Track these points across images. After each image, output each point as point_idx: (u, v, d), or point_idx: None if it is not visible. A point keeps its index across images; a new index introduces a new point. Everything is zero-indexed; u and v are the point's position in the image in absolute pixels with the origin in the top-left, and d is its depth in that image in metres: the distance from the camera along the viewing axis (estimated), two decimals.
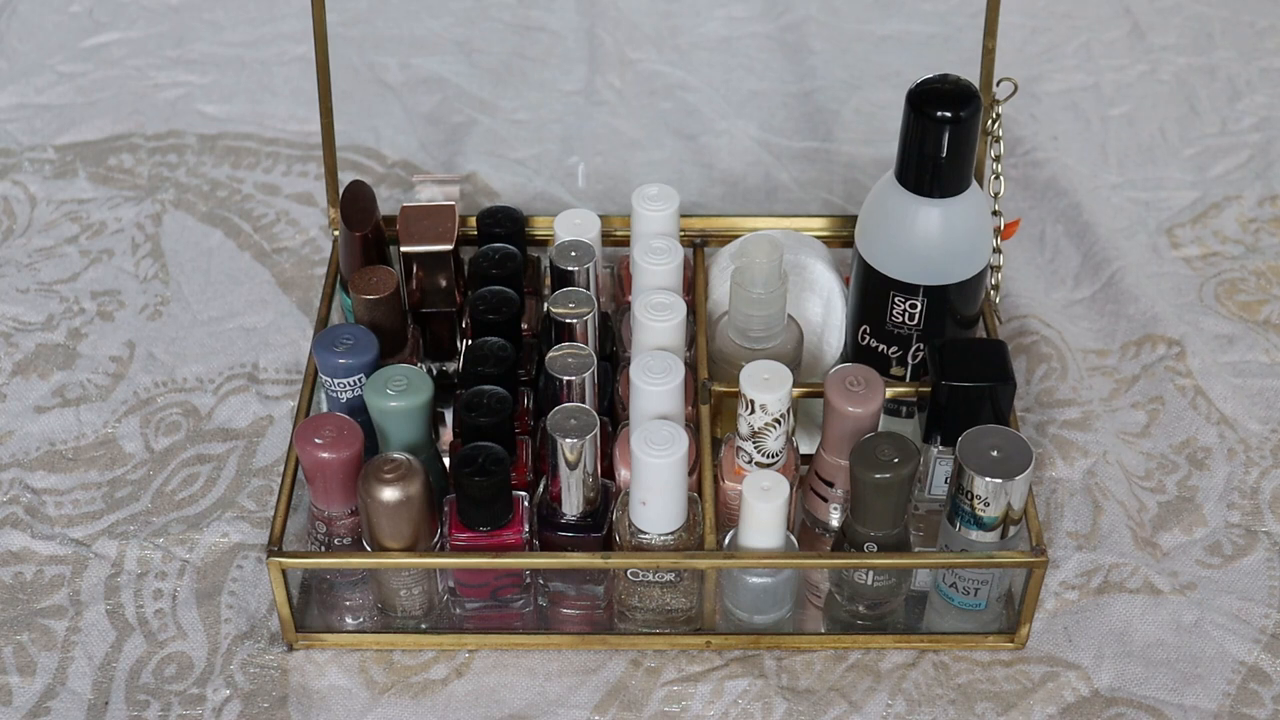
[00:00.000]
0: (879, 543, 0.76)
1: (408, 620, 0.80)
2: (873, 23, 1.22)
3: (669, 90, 1.16)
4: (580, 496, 0.76)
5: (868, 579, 0.77)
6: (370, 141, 1.11)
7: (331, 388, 0.81)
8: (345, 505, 0.77)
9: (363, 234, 0.87)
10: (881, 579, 0.77)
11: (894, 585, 0.78)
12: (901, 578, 0.78)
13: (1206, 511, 0.87)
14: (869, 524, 0.76)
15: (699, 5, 1.24)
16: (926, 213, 0.79)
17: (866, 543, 0.76)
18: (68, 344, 0.96)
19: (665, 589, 0.78)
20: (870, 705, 0.78)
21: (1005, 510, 0.76)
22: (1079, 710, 0.78)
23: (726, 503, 0.80)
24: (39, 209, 1.06)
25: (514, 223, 0.91)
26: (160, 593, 0.83)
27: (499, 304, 0.83)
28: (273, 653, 0.80)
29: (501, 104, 1.15)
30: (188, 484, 0.88)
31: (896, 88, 1.15)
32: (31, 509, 0.87)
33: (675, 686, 0.79)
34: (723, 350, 0.84)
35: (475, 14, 1.23)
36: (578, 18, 1.22)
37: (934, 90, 0.77)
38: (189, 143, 1.11)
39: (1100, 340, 0.97)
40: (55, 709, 0.78)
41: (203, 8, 1.23)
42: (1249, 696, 0.79)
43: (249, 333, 0.97)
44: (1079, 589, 0.83)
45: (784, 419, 0.77)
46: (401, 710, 0.78)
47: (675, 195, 0.87)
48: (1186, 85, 1.17)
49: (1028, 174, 1.09)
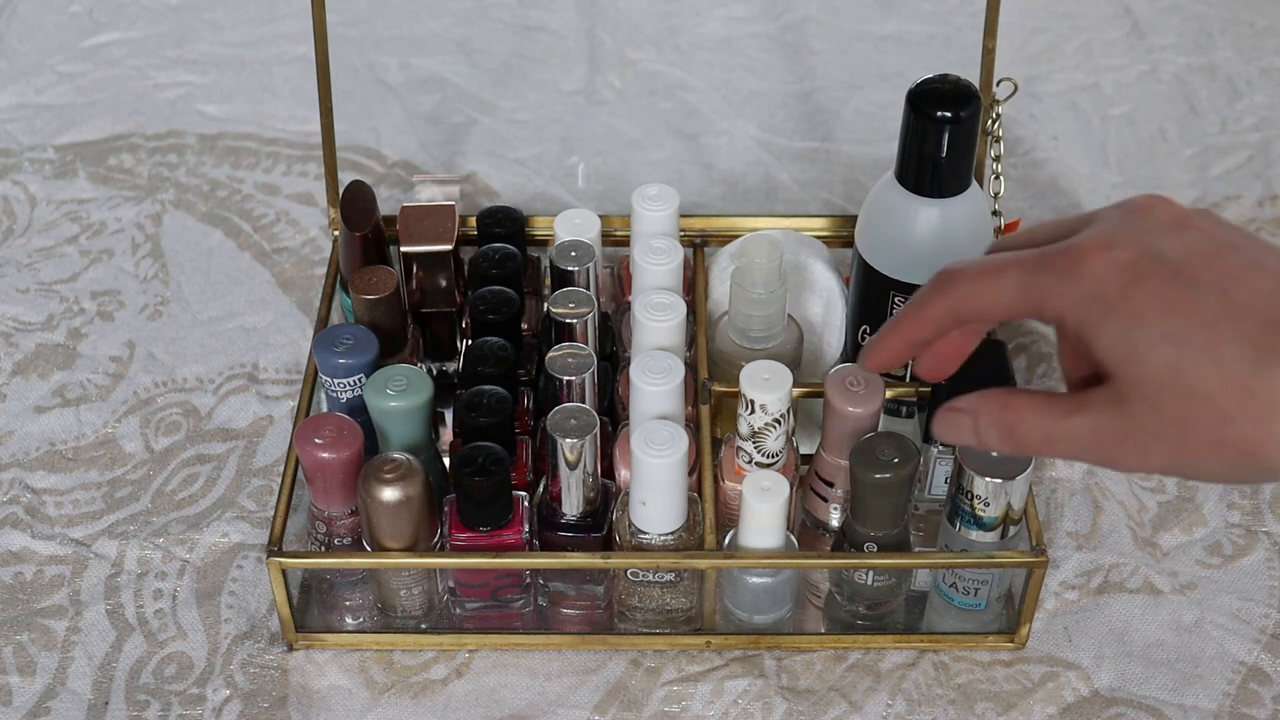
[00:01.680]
0: (879, 543, 0.76)
1: (408, 620, 0.80)
2: (873, 23, 1.22)
3: (669, 90, 1.16)
4: (580, 496, 0.76)
5: (868, 579, 0.77)
6: (370, 141, 1.11)
7: (331, 388, 0.81)
8: (345, 505, 0.77)
9: (363, 234, 0.87)
10: (881, 579, 0.77)
11: (894, 585, 0.78)
12: (901, 578, 0.78)
13: (1206, 511, 0.87)
14: (869, 524, 0.76)
15: (699, 5, 1.24)
16: (926, 213, 0.79)
17: (866, 543, 0.76)
18: (68, 344, 0.96)
19: (665, 589, 0.78)
20: (870, 705, 0.78)
21: (1005, 510, 0.76)
22: (1079, 710, 0.78)
23: (726, 503, 0.80)
24: (39, 209, 1.06)
25: (514, 223, 0.91)
26: (160, 593, 0.83)
27: (499, 304, 0.83)
28: (273, 653, 0.80)
29: (501, 104, 1.15)
30: (188, 484, 0.88)
31: (896, 88, 1.15)
32: (31, 509, 0.87)
33: (675, 686, 0.79)
34: (723, 350, 0.84)
35: (475, 14, 1.23)
36: (578, 18, 1.22)
37: (934, 90, 0.77)
38: (189, 143, 1.11)
39: None
40: (55, 709, 0.78)
41: (203, 8, 1.23)
42: (1249, 696, 0.79)
43: (249, 333, 0.97)
44: (1079, 589, 0.83)
45: (784, 419, 0.77)
46: (401, 710, 0.78)
47: (675, 195, 0.87)
48: (1186, 85, 1.17)
49: (1028, 174, 1.09)
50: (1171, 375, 0.56)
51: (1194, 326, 0.56)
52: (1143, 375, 0.57)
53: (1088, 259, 0.59)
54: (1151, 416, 0.57)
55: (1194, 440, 0.57)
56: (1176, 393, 0.56)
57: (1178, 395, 0.56)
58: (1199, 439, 0.56)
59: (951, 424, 0.64)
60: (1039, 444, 0.62)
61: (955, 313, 0.63)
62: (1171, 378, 0.56)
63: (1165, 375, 0.56)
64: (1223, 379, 0.55)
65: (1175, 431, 0.57)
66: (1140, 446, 0.58)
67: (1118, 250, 0.59)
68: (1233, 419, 0.55)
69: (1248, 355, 0.55)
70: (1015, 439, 0.62)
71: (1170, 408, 0.57)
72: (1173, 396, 0.56)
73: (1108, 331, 0.58)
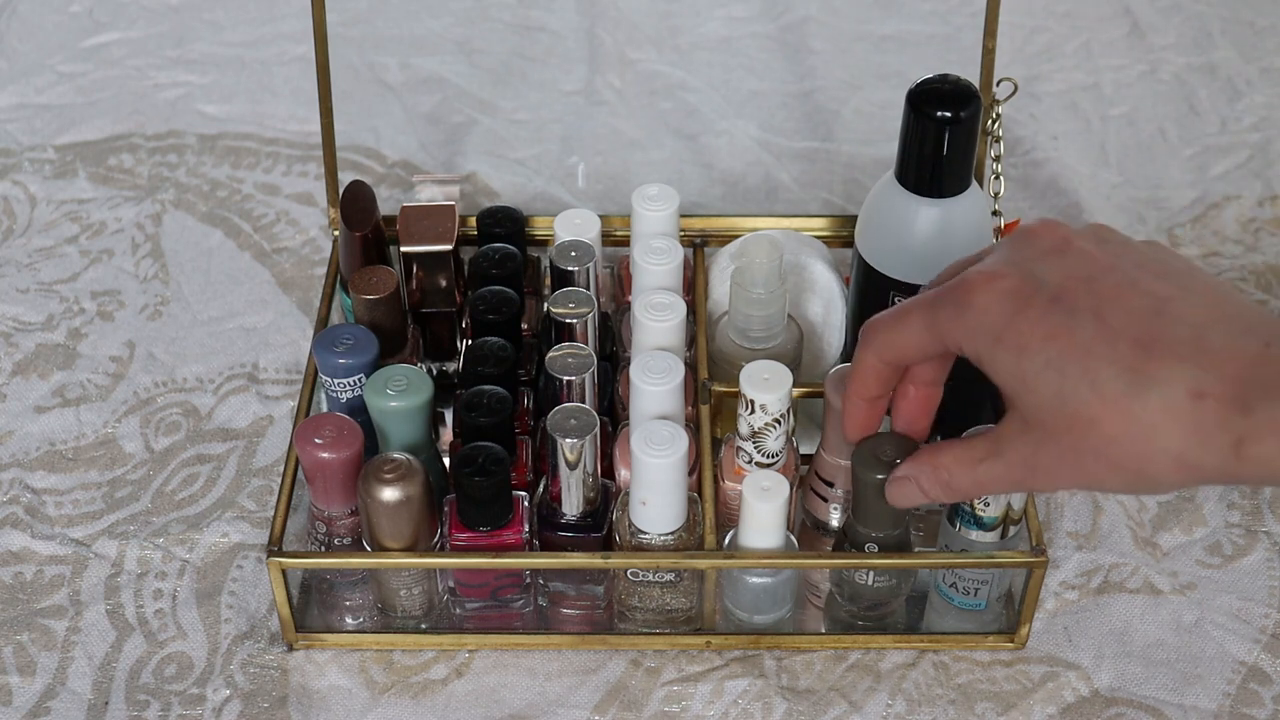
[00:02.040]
0: (880, 543, 0.76)
1: (408, 620, 0.80)
2: (873, 23, 1.22)
3: (669, 90, 1.16)
4: (580, 496, 0.76)
5: (868, 579, 0.77)
6: (370, 141, 1.11)
7: (331, 388, 0.81)
8: (345, 505, 0.77)
9: (363, 234, 0.87)
10: (882, 580, 0.77)
11: (894, 586, 0.78)
12: (902, 579, 0.78)
13: (1206, 511, 0.87)
14: (870, 524, 0.76)
15: (699, 5, 1.24)
16: (926, 213, 0.79)
17: (868, 543, 0.76)
18: (68, 344, 0.96)
19: (665, 589, 0.78)
20: (870, 705, 0.78)
21: (1005, 510, 0.76)
22: (1079, 710, 0.78)
23: (726, 503, 0.80)
24: (39, 209, 1.06)
25: (514, 223, 0.91)
26: (160, 593, 0.83)
27: (499, 304, 0.83)
28: (273, 653, 0.80)
29: (501, 104, 1.15)
30: (188, 484, 0.88)
31: (896, 88, 1.15)
32: (31, 509, 0.87)
33: (675, 686, 0.79)
34: (723, 350, 0.84)
35: (475, 14, 1.23)
36: (578, 18, 1.22)
37: (934, 90, 0.77)
38: (189, 143, 1.11)
39: None
40: (55, 709, 0.78)
41: (203, 8, 1.23)
42: (1249, 696, 0.79)
43: (249, 333, 0.97)
44: (1079, 589, 0.83)
45: (784, 419, 0.77)
46: (401, 710, 0.78)
47: (675, 195, 0.87)
48: (1186, 85, 1.17)
49: (1028, 174, 1.09)
50: (1058, 403, 0.58)
51: (1072, 353, 0.58)
52: (1035, 404, 0.59)
53: (974, 291, 0.61)
54: (1049, 444, 0.60)
55: (1089, 464, 0.59)
56: (1064, 419, 0.58)
57: (1066, 422, 0.58)
58: (1093, 462, 0.58)
59: (901, 491, 0.69)
60: (972, 490, 0.66)
61: (880, 359, 0.67)
62: (1058, 405, 0.58)
63: (1053, 403, 0.58)
64: (1103, 403, 0.57)
65: (1072, 457, 0.59)
66: (1048, 474, 0.61)
67: (1002, 280, 0.61)
68: (1117, 441, 0.57)
69: (1123, 378, 0.57)
70: (952, 491, 0.66)
71: (1062, 435, 0.59)
72: (1062, 422, 0.59)
73: (999, 361, 0.60)
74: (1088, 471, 0.59)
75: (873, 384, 0.69)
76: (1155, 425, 0.56)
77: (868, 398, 0.70)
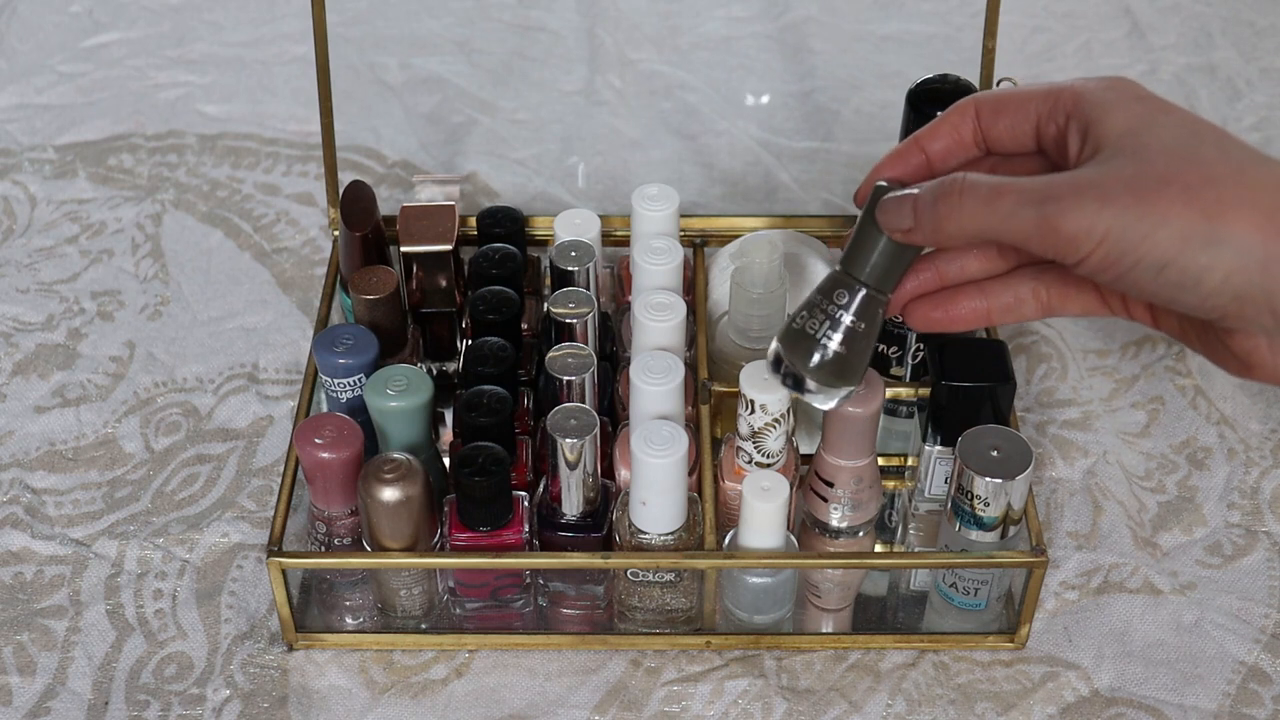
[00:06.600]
0: (864, 288, 0.69)
1: (408, 620, 0.80)
2: (873, 23, 1.22)
3: (669, 90, 1.16)
4: (580, 496, 0.76)
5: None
6: (370, 141, 1.11)
7: (331, 388, 0.81)
8: (345, 505, 0.77)
9: (363, 234, 0.87)
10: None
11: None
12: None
13: (1206, 511, 0.87)
14: (855, 268, 0.69)
15: (699, 5, 1.24)
16: None
17: (838, 289, 0.69)
18: (68, 344, 0.96)
19: (665, 589, 0.78)
20: (870, 705, 0.78)
21: (1005, 510, 0.76)
22: (1079, 710, 0.78)
23: (726, 503, 0.80)
24: (39, 209, 1.06)
25: (514, 223, 0.91)
26: (160, 593, 0.83)
27: (499, 304, 0.83)
28: (273, 653, 0.80)
29: (501, 104, 1.15)
30: (188, 484, 0.88)
31: (896, 88, 1.15)
32: (31, 509, 0.87)
33: (675, 686, 0.79)
34: (723, 350, 0.84)
35: (475, 14, 1.23)
36: (578, 18, 1.22)
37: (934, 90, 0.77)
38: (189, 143, 1.11)
39: (1100, 340, 0.97)
40: (55, 709, 0.78)
41: (203, 8, 1.23)
42: (1249, 696, 0.79)
43: (249, 333, 0.97)
44: (1079, 589, 0.83)
45: (784, 419, 0.77)
46: (401, 710, 0.78)
47: (675, 195, 0.87)
48: (1186, 85, 1.17)
49: None
50: (1178, 145, 0.62)
51: (1206, 128, 0.63)
52: (1146, 143, 0.62)
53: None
54: (1129, 166, 0.62)
55: (1167, 194, 0.60)
56: (1174, 157, 0.61)
57: (1174, 158, 0.61)
58: (1174, 192, 0.60)
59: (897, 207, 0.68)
60: (988, 193, 0.64)
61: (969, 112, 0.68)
62: (1178, 146, 0.62)
63: (1172, 145, 0.62)
64: (1225, 161, 0.61)
65: (1154, 184, 0.61)
66: (1101, 195, 0.61)
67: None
68: (1220, 182, 0.60)
69: (1251, 155, 0.62)
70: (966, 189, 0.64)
71: (1158, 162, 0.61)
72: (1168, 158, 0.61)
73: (1130, 107, 0.64)
74: (1156, 202, 0.60)
75: (943, 133, 0.69)
76: (1261, 189, 0.60)
77: (927, 147, 0.70)
